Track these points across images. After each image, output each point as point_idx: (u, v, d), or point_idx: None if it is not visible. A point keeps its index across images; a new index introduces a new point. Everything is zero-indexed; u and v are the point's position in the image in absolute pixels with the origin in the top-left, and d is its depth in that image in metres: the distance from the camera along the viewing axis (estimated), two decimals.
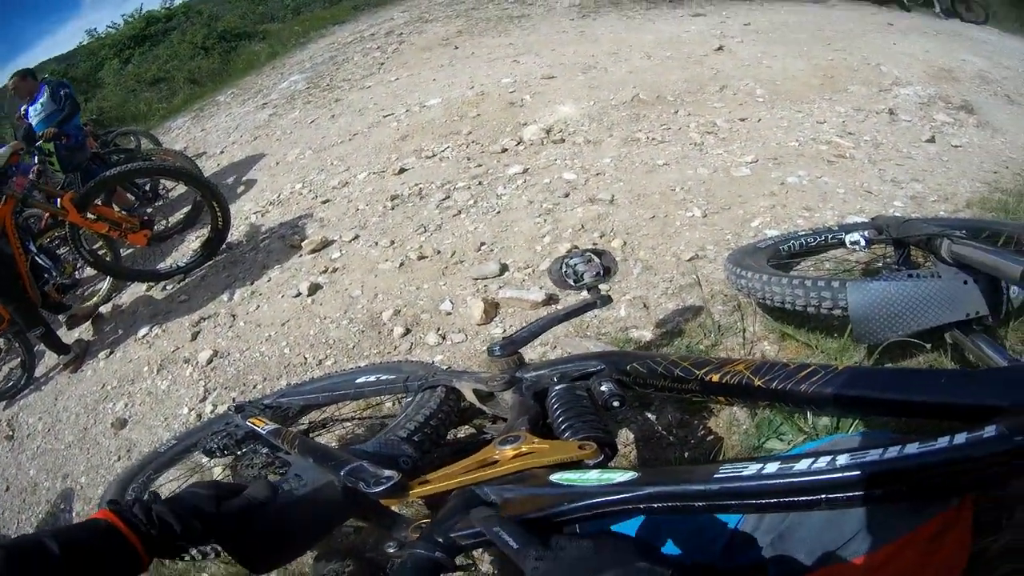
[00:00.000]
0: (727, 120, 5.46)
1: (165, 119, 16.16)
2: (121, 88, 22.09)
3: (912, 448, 1.00)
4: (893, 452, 1.01)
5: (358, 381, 3.00)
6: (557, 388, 2.00)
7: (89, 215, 6.14)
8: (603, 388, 1.88)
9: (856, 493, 1.02)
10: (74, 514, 4.26)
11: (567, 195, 4.68)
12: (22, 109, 8.74)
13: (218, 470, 3.44)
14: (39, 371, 6.51)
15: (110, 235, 6.36)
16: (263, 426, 2.62)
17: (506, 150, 5.89)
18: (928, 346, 2.25)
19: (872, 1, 12.60)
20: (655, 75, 6.90)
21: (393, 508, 1.96)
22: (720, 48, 7.71)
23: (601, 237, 4.00)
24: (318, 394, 3.03)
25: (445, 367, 3.08)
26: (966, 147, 5.08)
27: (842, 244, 2.95)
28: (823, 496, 1.03)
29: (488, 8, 14.07)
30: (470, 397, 2.34)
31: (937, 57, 7.57)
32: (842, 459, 1.04)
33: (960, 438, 0.97)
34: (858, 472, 1.01)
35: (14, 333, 6.40)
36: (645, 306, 3.15)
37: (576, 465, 1.55)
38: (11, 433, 5.91)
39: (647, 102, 6.14)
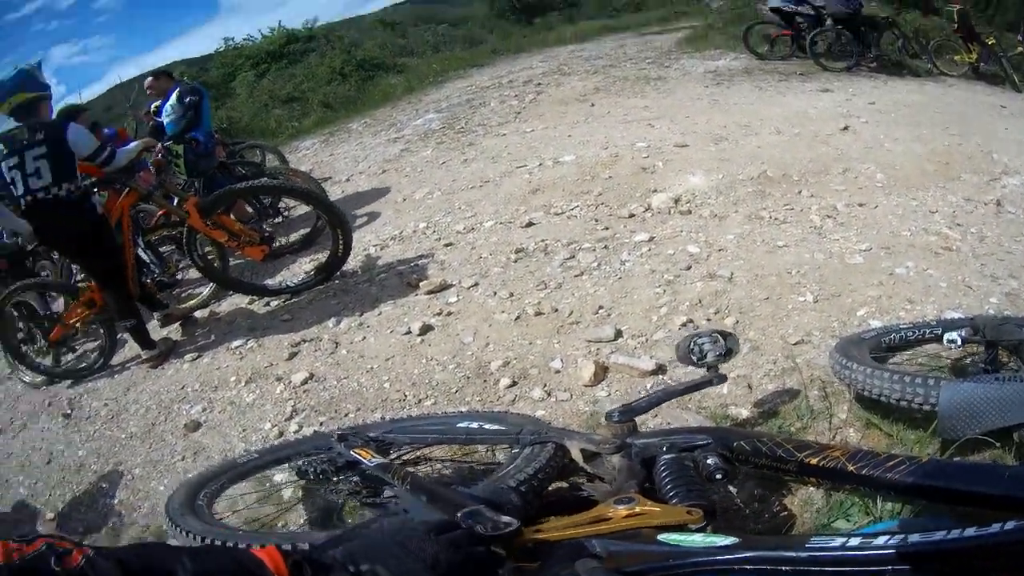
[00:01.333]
0: (847, 204, 5.51)
1: (293, 138, 16.51)
2: (253, 101, 22.57)
3: (970, 531, 1.18)
4: (955, 534, 1.19)
5: (460, 426, 3.10)
6: (665, 457, 2.13)
7: (210, 222, 6.32)
8: (709, 461, 2.04)
9: (922, 567, 1.19)
10: (116, 500, 4.39)
11: (688, 268, 4.75)
12: (152, 106, 9.09)
13: (288, 491, 3.53)
14: (115, 359, 6.68)
15: (227, 245, 6.50)
16: (369, 458, 2.71)
17: (634, 215, 5.96)
18: (997, 444, 2.37)
19: (986, 81, 12.57)
20: (783, 152, 6.94)
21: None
22: (846, 128, 7.73)
23: (716, 313, 4.08)
24: (426, 434, 3.13)
25: (551, 424, 3.16)
26: None
27: (939, 340, 3.05)
28: (890, 567, 1.21)
29: (626, 67, 14.15)
30: (575, 456, 2.45)
31: None
32: (913, 537, 1.22)
33: (1010, 524, 1.14)
34: (924, 549, 1.20)
35: (103, 320, 6.59)
36: (748, 386, 3.27)
37: (681, 528, 1.68)
38: (70, 412, 6.09)
39: (773, 179, 6.20)
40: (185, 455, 4.45)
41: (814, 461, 1.90)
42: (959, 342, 2.94)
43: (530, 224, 6.35)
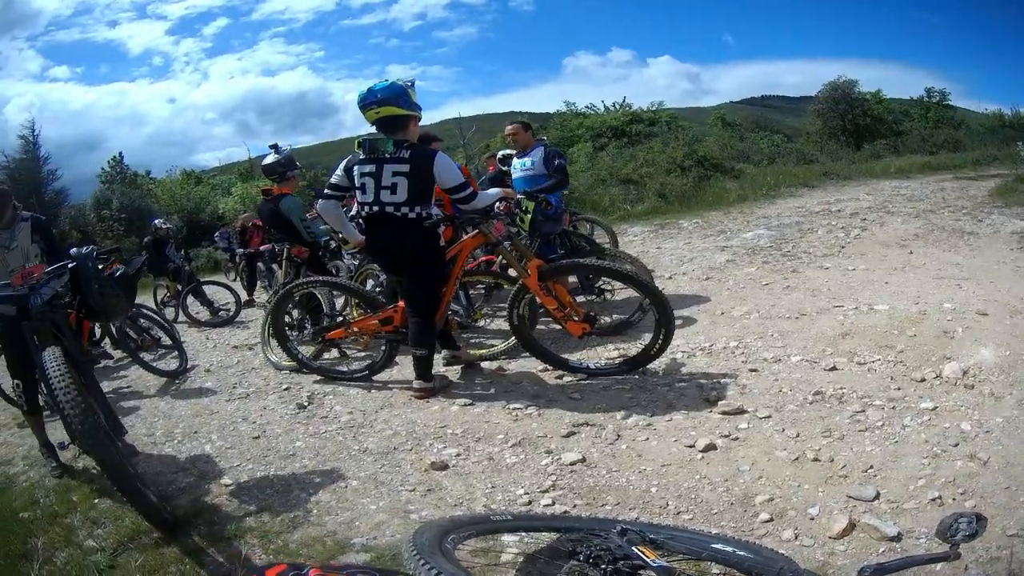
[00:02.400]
0: None
1: (623, 220, 17.44)
2: (592, 173, 23.30)
3: None
4: None
5: (716, 546, 3.31)
6: None
7: (544, 287, 6.54)
8: None
9: None
10: (314, 498, 4.75)
11: (956, 445, 4.86)
12: (500, 153, 10.13)
13: (508, 554, 3.69)
14: (380, 377, 7.20)
15: (552, 314, 6.70)
16: (653, 559, 2.76)
17: (925, 380, 6.06)
18: None
19: None
20: None
21: None
22: None
23: (962, 494, 4.24)
24: (699, 549, 3.27)
25: (801, 565, 3.33)
26: None
27: None
28: None
29: (943, 214, 14.28)
30: None
31: None
32: None
33: None
34: None
35: (391, 339, 7.01)
36: (965, 566, 3.56)
37: None
38: (306, 404, 6.70)
39: None
40: (417, 488, 4.80)
41: None
42: None
43: (834, 368, 6.45)
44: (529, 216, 8.15)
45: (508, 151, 10.73)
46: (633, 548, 2.83)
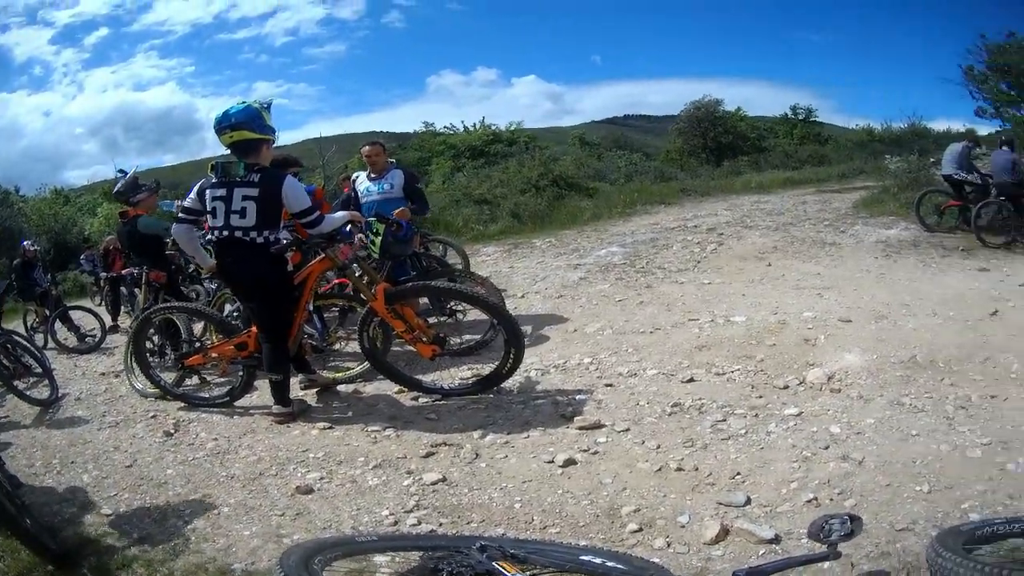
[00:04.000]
0: (980, 395, 5.61)
1: (477, 240, 17.07)
2: (447, 194, 23.23)
3: None
4: None
5: (584, 558, 3.33)
6: None
7: (391, 309, 6.49)
8: None
9: None
10: (190, 525, 4.58)
11: (827, 448, 4.93)
12: (355, 177, 9.45)
13: (382, 574, 3.49)
14: (242, 402, 6.99)
15: (402, 336, 6.65)
16: (513, 573, 2.85)
17: (788, 387, 6.15)
18: None
19: None
20: (934, 336, 7.09)
21: None
22: (995, 312, 7.82)
23: (839, 494, 4.28)
24: (562, 561, 3.26)
25: (670, 572, 3.37)
26: None
27: (1021, 535, 3.31)
28: None
29: (804, 227, 14.42)
30: None
31: None
32: None
33: None
34: None
35: (247, 365, 6.80)
36: (851, 564, 3.53)
37: None
38: (173, 432, 6.45)
39: (921, 365, 6.35)
40: (286, 512, 4.68)
41: None
42: None
43: (691, 380, 6.52)
44: (379, 239, 7.58)
45: (360, 173, 10.28)
46: (494, 564, 2.88)
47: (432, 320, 7.94)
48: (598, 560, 3.30)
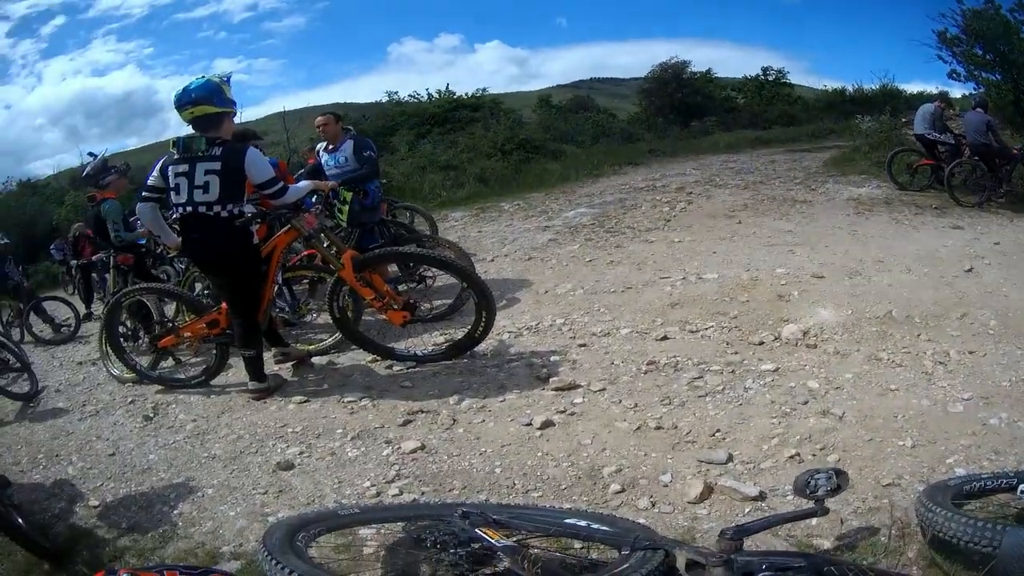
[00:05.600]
0: (959, 351, 5.62)
1: (444, 206, 16.76)
2: (412, 162, 22.89)
3: None
4: None
5: (569, 521, 3.30)
6: (764, 574, 2.44)
7: (360, 278, 6.41)
8: None
9: None
10: (176, 510, 4.53)
11: (806, 403, 4.93)
12: (318, 148, 9.36)
13: (369, 547, 3.55)
14: (218, 381, 6.88)
15: (372, 304, 6.55)
16: (497, 539, 2.86)
17: (763, 343, 6.15)
18: None
19: None
20: (910, 292, 7.08)
21: None
22: (970, 269, 7.83)
23: (821, 450, 4.29)
24: (545, 525, 3.26)
25: (657, 532, 3.34)
26: None
27: (1013, 490, 3.30)
28: None
29: (775, 185, 14.41)
30: (680, 564, 2.67)
31: None
32: None
33: None
34: None
35: (220, 342, 6.73)
36: (839, 520, 3.53)
37: None
38: (152, 416, 6.34)
39: (897, 321, 6.35)
40: (268, 490, 4.63)
41: None
42: None
43: (665, 338, 6.51)
44: (347, 207, 7.90)
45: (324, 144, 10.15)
46: (477, 530, 2.90)
47: (402, 287, 7.76)
48: (583, 523, 3.26)
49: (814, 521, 3.38)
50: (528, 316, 7.74)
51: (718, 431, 4.69)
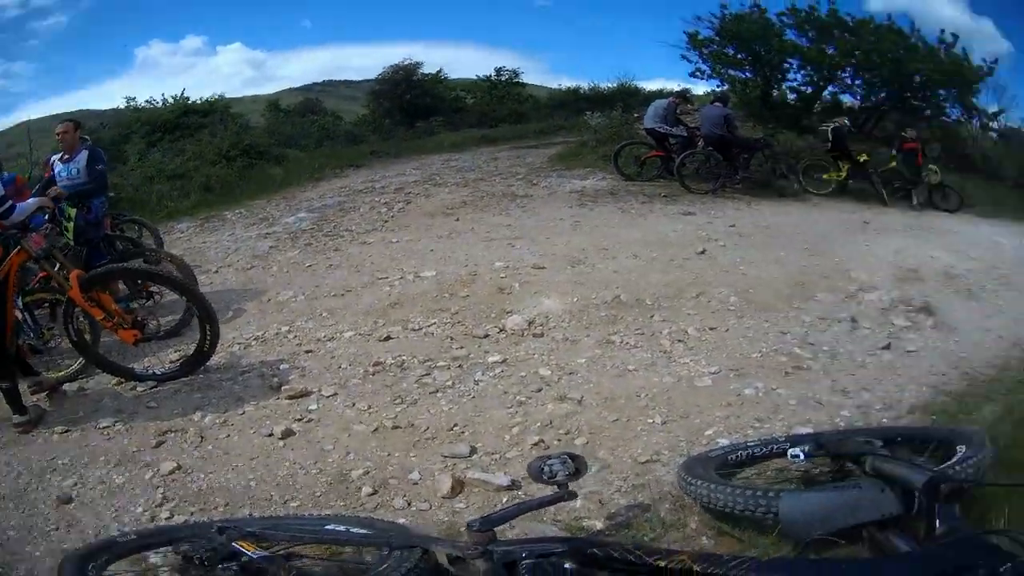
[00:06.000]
0: (698, 328, 5.82)
1: (171, 217, 15.69)
2: (140, 172, 21.92)
3: None
4: None
5: (329, 527, 3.23)
6: (525, 562, 2.33)
7: (88, 297, 6.06)
8: (566, 566, 2.28)
9: None
10: None
11: (540, 390, 4.97)
12: (53, 159, 8.78)
13: (164, 571, 3.44)
14: None
15: (102, 323, 6.22)
16: (253, 551, 2.83)
17: (488, 336, 6.20)
18: (843, 542, 2.72)
19: (854, 198, 13.42)
20: (638, 276, 7.27)
21: None
22: (703, 251, 8.14)
23: (566, 434, 4.30)
24: (302, 533, 3.18)
25: (415, 531, 3.36)
26: (920, 351, 5.59)
27: (785, 455, 3.33)
28: None
29: (495, 182, 14.52)
30: (442, 560, 2.66)
31: (906, 257, 8.28)
32: None
33: None
34: None
35: None
36: (600, 501, 3.50)
37: None
38: None
39: (627, 304, 6.49)
40: (59, 525, 4.29)
41: (663, 564, 2.21)
42: (801, 457, 3.24)
43: (388, 338, 6.51)
44: (71, 224, 7.44)
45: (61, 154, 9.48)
46: (233, 544, 2.87)
47: (133, 305, 7.30)
48: (342, 528, 3.22)
49: (578, 504, 3.44)
50: (254, 326, 7.53)
51: (455, 425, 4.69)
